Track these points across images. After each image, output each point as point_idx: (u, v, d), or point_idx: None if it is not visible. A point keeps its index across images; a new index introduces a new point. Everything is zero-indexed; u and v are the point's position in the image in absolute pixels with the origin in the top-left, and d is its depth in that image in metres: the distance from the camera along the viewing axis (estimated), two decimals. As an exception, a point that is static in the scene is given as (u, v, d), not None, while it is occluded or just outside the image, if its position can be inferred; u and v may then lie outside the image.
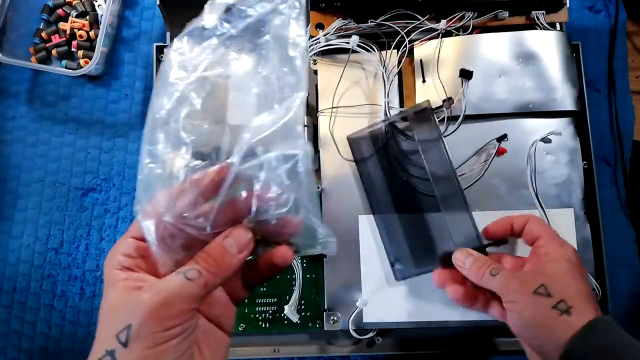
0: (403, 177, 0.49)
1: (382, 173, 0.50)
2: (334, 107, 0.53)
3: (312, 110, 0.56)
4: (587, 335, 0.34)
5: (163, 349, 0.28)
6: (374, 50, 0.52)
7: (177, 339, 0.28)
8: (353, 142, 0.51)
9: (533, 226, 0.42)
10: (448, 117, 0.50)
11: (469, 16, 0.52)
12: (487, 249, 0.45)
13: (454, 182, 0.46)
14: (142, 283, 0.30)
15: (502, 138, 0.50)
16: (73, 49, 0.62)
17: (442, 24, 0.51)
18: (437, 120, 0.48)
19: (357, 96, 0.53)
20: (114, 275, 0.30)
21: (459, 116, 0.50)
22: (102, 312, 0.30)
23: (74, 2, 0.63)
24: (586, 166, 0.52)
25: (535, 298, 0.37)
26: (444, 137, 0.49)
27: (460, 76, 0.50)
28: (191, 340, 0.30)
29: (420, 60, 0.52)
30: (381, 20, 0.51)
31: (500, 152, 0.50)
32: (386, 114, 0.51)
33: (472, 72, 0.49)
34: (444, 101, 0.50)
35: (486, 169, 0.50)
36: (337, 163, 0.52)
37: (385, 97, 0.52)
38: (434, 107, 0.49)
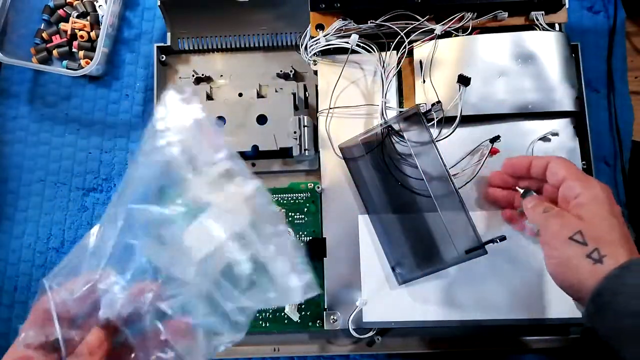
0: (398, 180, 0.49)
1: (377, 176, 0.50)
2: (334, 108, 0.53)
3: (312, 110, 0.56)
4: (619, 275, 0.35)
5: None
6: (374, 51, 0.52)
7: None
8: (346, 150, 0.51)
9: (556, 168, 0.42)
10: (444, 119, 0.50)
11: (468, 17, 0.52)
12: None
13: (448, 183, 0.46)
14: None
15: (495, 139, 0.50)
16: (74, 50, 0.62)
17: (438, 29, 0.51)
18: (428, 124, 0.49)
19: (357, 96, 0.53)
20: None
21: (456, 117, 0.50)
22: None
23: (74, 3, 0.63)
24: (585, 166, 0.52)
25: (570, 245, 0.37)
26: (442, 139, 0.49)
27: (458, 82, 0.50)
28: None
29: (420, 61, 0.52)
30: (381, 21, 0.51)
31: (492, 152, 0.50)
32: (383, 115, 0.52)
33: (470, 78, 0.50)
34: (433, 105, 0.50)
35: (479, 169, 0.50)
36: (337, 163, 0.52)
37: (382, 97, 0.52)
38: (429, 108, 0.50)
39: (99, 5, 0.63)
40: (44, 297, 0.32)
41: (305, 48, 0.54)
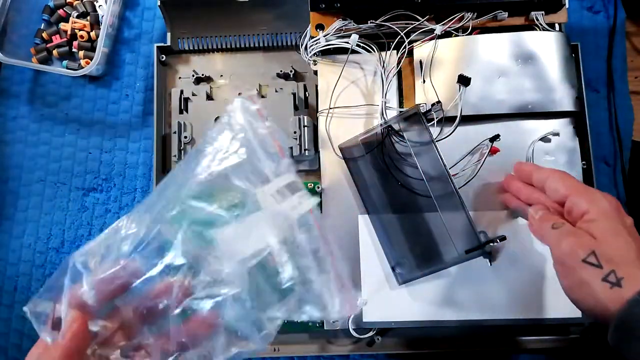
0: (398, 180, 0.49)
1: (377, 176, 0.50)
2: (334, 108, 0.53)
3: (312, 110, 0.56)
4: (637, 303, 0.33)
5: None
6: (374, 51, 0.52)
7: None
8: (345, 150, 0.51)
9: (555, 185, 0.40)
10: (444, 119, 0.50)
11: (468, 17, 0.52)
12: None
13: (448, 183, 0.46)
14: None
15: (495, 138, 0.50)
16: (74, 50, 0.62)
17: (438, 29, 0.51)
18: (428, 124, 0.49)
19: (357, 96, 0.53)
20: None
21: (456, 117, 0.50)
22: None
23: (74, 3, 0.63)
24: (585, 166, 0.52)
25: (584, 267, 0.35)
26: (442, 139, 0.49)
27: (458, 82, 0.50)
28: None
29: (420, 61, 0.52)
30: (381, 21, 0.51)
31: (492, 151, 0.50)
32: (383, 115, 0.52)
33: (470, 78, 0.50)
34: (432, 105, 0.50)
35: (479, 168, 0.50)
36: (337, 163, 0.52)
37: (382, 97, 0.52)
38: (429, 109, 0.50)
39: (99, 5, 0.63)
40: (67, 274, 0.31)
41: (305, 48, 0.54)
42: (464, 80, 0.50)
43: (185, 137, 0.54)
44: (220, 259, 0.32)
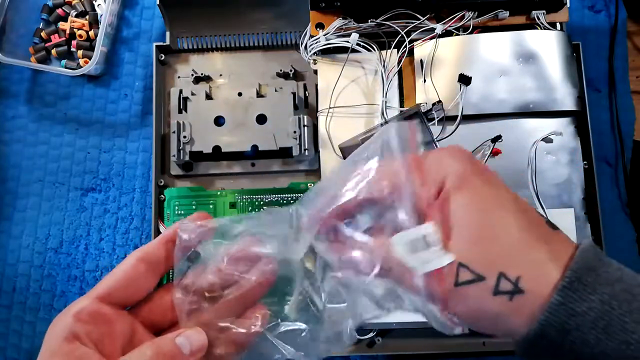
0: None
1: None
2: (334, 107, 0.52)
3: (311, 109, 0.56)
4: (562, 303, 0.23)
5: None
6: (374, 50, 0.52)
7: None
8: (346, 150, 0.51)
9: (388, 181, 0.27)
10: (445, 118, 0.50)
11: (469, 16, 0.51)
12: None
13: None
14: None
15: (497, 139, 0.50)
16: (73, 49, 0.62)
17: (439, 28, 0.50)
18: (429, 123, 0.48)
19: (357, 95, 0.53)
20: (57, 345, 0.26)
21: (457, 116, 0.50)
22: None
23: (73, 2, 0.63)
24: (586, 166, 0.52)
25: (462, 292, 0.24)
26: (443, 138, 0.49)
27: (458, 81, 0.50)
28: None
29: (421, 60, 0.52)
30: (381, 20, 0.51)
31: (494, 152, 0.50)
32: (383, 114, 0.51)
33: (470, 77, 0.49)
34: (433, 104, 0.50)
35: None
36: (337, 163, 0.52)
37: (383, 97, 0.52)
38: (429, 108, 0.50)
39: (98, 5, 0.63)
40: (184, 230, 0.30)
41: (305, 47, 0.54)
42: (464, 80, 0.49)
43: (185, 137, 0.54)
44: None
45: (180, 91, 0.56)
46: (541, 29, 0.52)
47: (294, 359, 0.30)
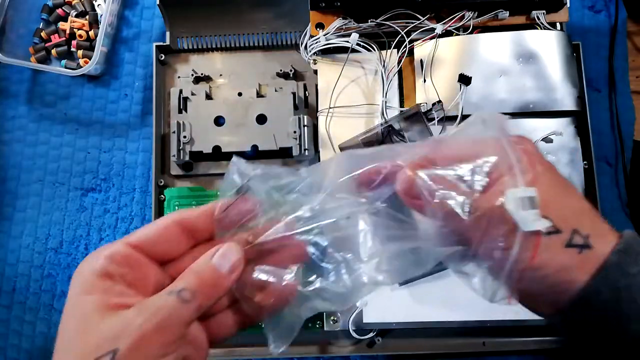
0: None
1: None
2: (334, 107, 0.52)
3: (311, 109, 0.56)
4: (618, 262, 0.25)
5: None
6: (374, 50, 0.52)
7: None
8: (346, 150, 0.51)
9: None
10: (445, 118, 0.50)
11: (469, 16, 0.51)
12: None
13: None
14: (125, 300, 0.25)
15: None
16: (73, 49, 0.62)
17: (439, 28, 0.50)
18: (429, 123, 0.48)
19: (357, 95, 0.53)
20: (92, 283, 0.26)
21: (457, 116, 0.50)
22: (70, 327, 0.25)
23: (73, 2, 0.63)
24: (587, 166, 0.52)
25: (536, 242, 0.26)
26: (444, 137, 0.49)
27: (458, 81, 0.50)
28: None
29: (421, 60, 0.52)
30: (381, 20, 0.51)
31: None
32: (383, 114, 0.51)
33: (470, 77, 0.49)
34: (433, 104, 0.50)
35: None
36: (337, 163, 0.52)
37: (383, 96, 0.52)
38: (429, 108, 0.50)
39: (98, 5, 0.63)
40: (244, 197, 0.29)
41: (305, 47, 0.54)
42: (464, 80, 0.49)
43: (184, 137, 0.54)
44: None
45: (180, 91, 0.56)
46: (541, 29, 0.52)
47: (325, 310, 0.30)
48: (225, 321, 0.29)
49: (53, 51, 0.62)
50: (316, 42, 0.53)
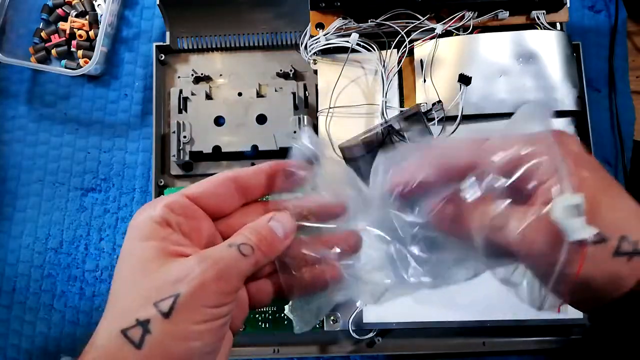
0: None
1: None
2: (334, 107, 0.52)
3: (311, 109, 0.56)
4: None
5: (208, 329, 0.24)
6: (374, 50, 0.52)
7: (222, 319, 0.25)
8: (346, 150, 0.51)
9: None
10: (445, 118, 0.50)
11: (469, 16, 0.51)
12: None
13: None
14: (182, 249, 0.26)
15: None
16: (73, 49, 0.62)
17: (439, 28, 0.51)
18: (429, 123, 0.48)
19: (357, 96, 0.53)
20: (150, 229, 0.26)
21: (457, 116, 0.49)
22: (127, 273, 0.25)
23: (73, 2, 0.63)
24: (586, 166, 0.52)
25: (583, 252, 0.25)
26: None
27: (458, 81, 0.50)
28: (227, 329, 0.26)
29: (421, 60, 0.52)
30: (381, 20, 0.51)
31: None
32: (383, 114, 0.51)
33: (470, 77, 0.49)
34: (433, 104, 0.50)
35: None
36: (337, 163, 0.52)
37: (383, 97, 0.52)
38: (429, 108, 0.50)
39: (98, 5, 0.63)
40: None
41: (305, 47, 0.54)
42: (464, 80, 0.49)
43: (184, 137, 0.54)
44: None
45: (180, 91, 0.56)
46: (541, 29, 0.52)
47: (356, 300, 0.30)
48: (264, 288, 0.30)
49: (53, 51, 0.62)
50: (316, 42, 0.53)
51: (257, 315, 0.52)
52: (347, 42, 0.51)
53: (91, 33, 0.62)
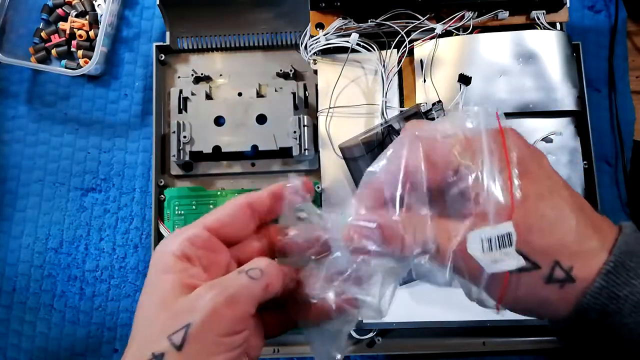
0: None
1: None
2: (334, 107, 0.52)
3: (311, 109, 0.56)
4: (603, 287, 0.23)
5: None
6: (374, 50, 0.52)
7: (237, 350, 0.25)
8: (346, 150, 0.51)
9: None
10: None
11: (469, 16, 0.51)
12: None
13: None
14: (198, 281, 0.26)
15: None
16: (73, 49, 0.62)
17: (439, 28, 0.51)
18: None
19: (357, 96, 0.53)
20: (170, 263, 0.27)
21: (459, 116, 0.50)
22: (149, 304, 0.26)
23: (73, 2, 0.63)
24: (586, 166, 0.52)
25: (515, 278, 0.25)
26: (444, 137, 0.49)
27: (458, 81, 0.50)
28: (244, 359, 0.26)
29: (421, 60, 0.52)
30: (381, 20, 0.51)
31: None
32: (383, 114, 0.51)
33: (470, 77, 0.49)
34: (433, 104, 0.50)
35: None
36: (337, 163, 0.52)
37: (383, 96, 0.52)
38: (429, 108, 0.50)
39: (98, 5, 0.63)
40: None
41: (305, 47, 0.54)
42: (464, 80, 0.49)
43: (185, 137, 0.54)
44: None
45: (180, 91, 0.56)
46: (541, 29, 0.52)
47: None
48: (279, 316, 0.30)
49: (53, 51, 0.62)
50: (316, 42, 0.53)
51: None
52: (347, 42, 0.51)
53: (91, 33, 0.62)
